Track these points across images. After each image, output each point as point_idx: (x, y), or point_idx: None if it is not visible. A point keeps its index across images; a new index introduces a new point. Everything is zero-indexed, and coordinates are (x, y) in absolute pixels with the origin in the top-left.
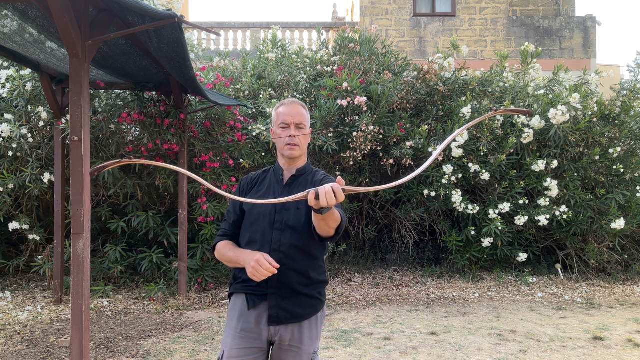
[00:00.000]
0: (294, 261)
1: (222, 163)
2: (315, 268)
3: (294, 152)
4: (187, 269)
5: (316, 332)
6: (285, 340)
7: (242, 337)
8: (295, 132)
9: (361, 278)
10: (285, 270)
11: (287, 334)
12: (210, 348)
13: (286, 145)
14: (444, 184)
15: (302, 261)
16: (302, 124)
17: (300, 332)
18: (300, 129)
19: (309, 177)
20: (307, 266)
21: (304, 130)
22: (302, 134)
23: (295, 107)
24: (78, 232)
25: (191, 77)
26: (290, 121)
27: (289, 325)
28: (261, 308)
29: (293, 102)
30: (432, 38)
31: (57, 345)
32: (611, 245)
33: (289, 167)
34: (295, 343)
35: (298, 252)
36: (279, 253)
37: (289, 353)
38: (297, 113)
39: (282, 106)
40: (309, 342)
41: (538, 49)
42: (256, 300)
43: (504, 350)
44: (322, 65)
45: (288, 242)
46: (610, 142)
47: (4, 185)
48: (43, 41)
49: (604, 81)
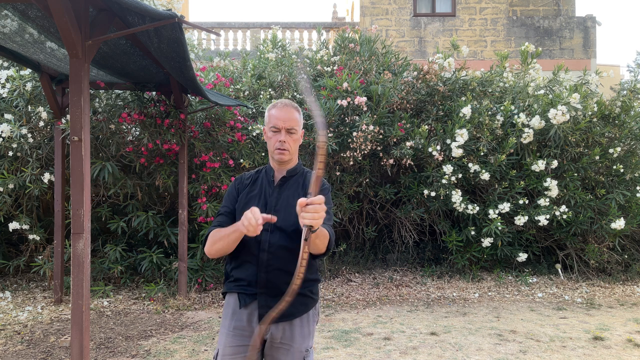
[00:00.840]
0: (282, 262)
1: (222, 163)
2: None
3: (283, 156)
4: (187, 269)
5: (308, 330)
6: (276, 338)
7: (235, 335)
8: (285, 137)
9: (361, 278)
10: (273, 270)
11: (278, 332)
12: (210, 348)
13: (276, 150)
14: (444, 184)
15: (291, 262)
16: (294, 129)
17: (291, 330)
18: (291, 133)
19: (299, 179)
20: (294, 266)
21: (295, 135)
22: (292, 139)
23: (288, 111)
24: (78, 232)
25: (191, 77)
26: (281, 126)
27: (280, 324)
28: (252, 307)
29: (286, 105)
30: (432, 38)
31: (57, 345)
32: (611, 245)
33: (280, 168)
34: (286, 341)
35: (287, 253)
36: (268, 254)
37: (281, 350)
38: (289, 118)
39: (275, 108)
40: (301, 339)
41: (538, 49)
42: (247, 299)
43: (504, 350)
44: (322, 65)
45: (276, 243)
46: (610, 142)
47: (4, 185)
48: (43, 41)
49: (604, 81)
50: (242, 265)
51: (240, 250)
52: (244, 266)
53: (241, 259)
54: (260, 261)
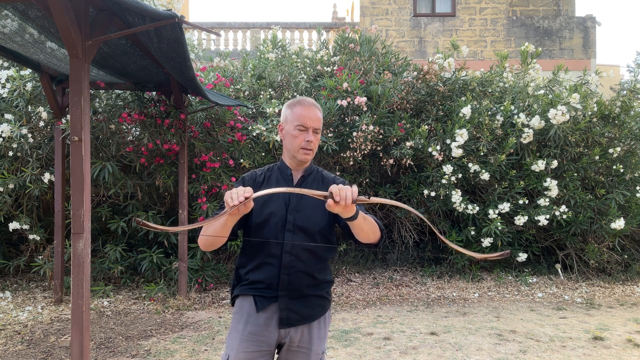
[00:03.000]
0: (304, 264)
1: (222, 163)
2: (323, 269)
3: (308, 156)
4: (187, 269)
5: (324, 332)
6: (295, 342)
7: (249, 340)
8: (312, 137)
9: (361, 278)
10: (296, 272)
11: (297, 335)
12: (210, 348)
13: (301, 149)
14: (444, 184)
15: (311, 263)
16: (319, 130)
17: (309, 332)
18: (316, 133)
19: (317, 176)
20: (315, 268)
21: (319, 135)
22: (317, 139)
23: (315, 112)
24: (78, 232)
25: (191, 77)
26: (310, 125)
27: (299, 327)
28: (271, 310)
29: (313, 104)
30: (432, 38)
31: (57, 345)
32: (611, 245)
33: (297, 167)
34: (304, 344)
35: (308, 255)
36: (291, 255)
37: (298, 354)
38: (317, 118)
39: (300, 106)
40: (318, 342)
41: (538, 49)
42: (265, 302)
43: (504, 350)
44: (322, 66)
45: (300, 245)
46: (610, 142)
47: (4, 185)
48: (43, 41)
49: (603, 81)
50: (261, 267)
51: (259, 252)
52: (263, 268)
53: (260, 261)
54: (284, 263)
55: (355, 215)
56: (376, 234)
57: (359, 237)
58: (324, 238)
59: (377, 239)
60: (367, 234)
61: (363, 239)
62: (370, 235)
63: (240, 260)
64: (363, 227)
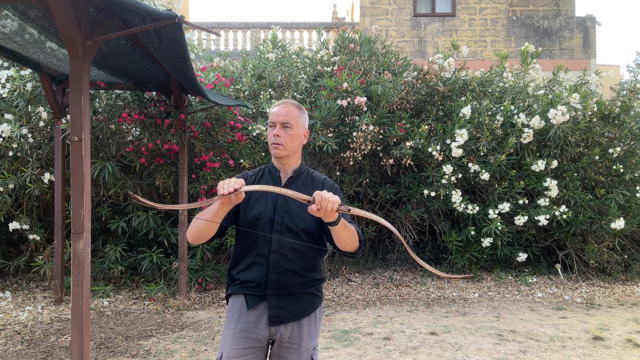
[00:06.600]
0: (291, 262)
1: (222, 163)
2: (313, 268)
3: (277, 151)
4: (187, 269)
5: (315, 328)
6: (285, 338)
7: (241, 337)
8: (279, 131)
9: (361, 278)
10: (284, 271)
11: (287, 331)
12: (210, 348)
13: (272, 145)
14: (444, 184)
15: (300, 263)
16: (289, 124)
17: (299, 329)
18: (286, 127)
19: (307, 178)
20: (304, 267)
21: (291, 130)
22: (287, 134)
23: (286, 107)
24: (78, 232)
25: (191, 77)
26: (276, 120)
27: (289, 324)
28: (261, 308)
29: (286, 102)
30: (432, 38)
31: (57, 345)
32: (611, 245)
33: (282, 167)
34: (295, 340)
35: (296, 254)
36: (278, 254)
37: (289, 350)
38: (285, 112)
39: (276, 106)
40: (309, 338)
41: (538, 49)
42: (255, 300)
43: (504, 350)
44: (322, 66)
45: (287, 244)
46: (610, 142)
47: (4, 185)
48: (43, 41)
49: (603, 81)
50: (251, 267)
51: (248, 253)
52: (252, 268)
53: (249, 261)
54: (271, 262)
55: (336, 222)
56: (354, 244)
57: (338, 243)
58: (311, 239)
59: (354, 248)
60: (345, 242)
61: (341, 246)
62: (348, 244)
63: (232, 261)
64: (342, 235)
